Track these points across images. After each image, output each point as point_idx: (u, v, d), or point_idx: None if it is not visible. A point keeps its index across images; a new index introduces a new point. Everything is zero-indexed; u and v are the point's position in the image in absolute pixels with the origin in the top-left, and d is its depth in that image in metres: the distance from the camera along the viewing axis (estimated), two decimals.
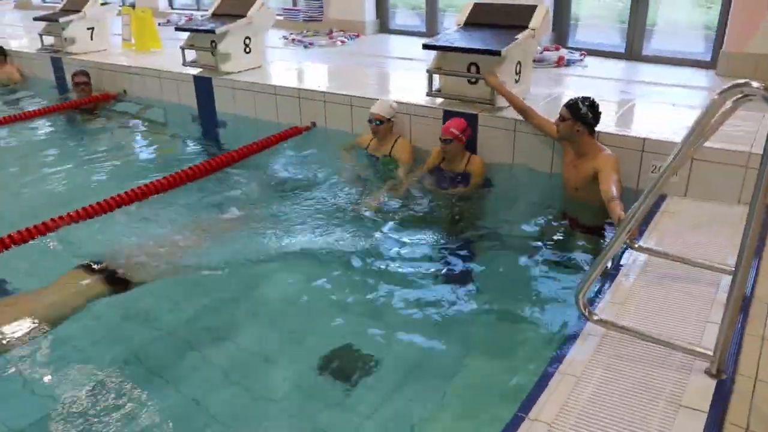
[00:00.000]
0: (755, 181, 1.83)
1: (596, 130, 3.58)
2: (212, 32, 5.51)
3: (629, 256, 2.88)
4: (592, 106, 3.45)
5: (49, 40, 7.24)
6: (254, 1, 5.78)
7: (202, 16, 6.46)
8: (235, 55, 5.73)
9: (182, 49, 5.86)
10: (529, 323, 2.73)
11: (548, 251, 3.37)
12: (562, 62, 6.57)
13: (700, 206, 3.44)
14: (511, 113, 4.10)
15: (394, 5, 9.33)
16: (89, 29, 7.13)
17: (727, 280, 2.37)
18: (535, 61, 6.09)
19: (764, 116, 3.90)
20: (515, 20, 4.42)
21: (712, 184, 3.47)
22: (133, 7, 9.26)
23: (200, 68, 5.84)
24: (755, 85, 1.79)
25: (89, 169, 4.82)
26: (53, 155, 5.10)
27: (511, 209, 3.86)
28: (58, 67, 7.08)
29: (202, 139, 5.59)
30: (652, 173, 3.60)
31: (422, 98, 4.53)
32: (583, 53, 6.90)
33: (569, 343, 2.28)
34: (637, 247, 2.88)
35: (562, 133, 3.53)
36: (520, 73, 4.41)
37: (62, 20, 6.91)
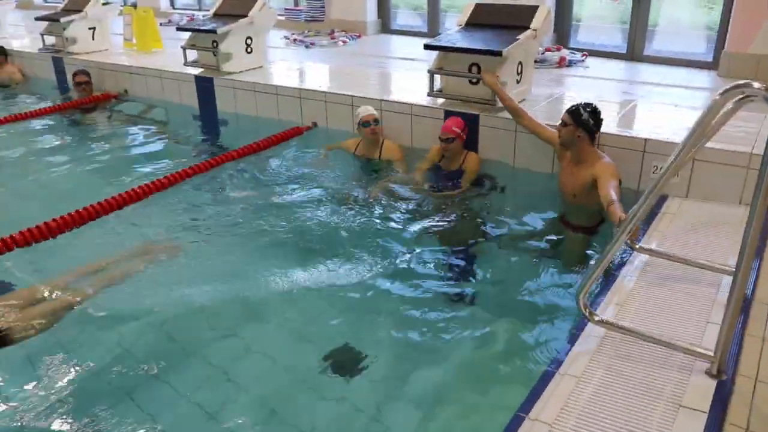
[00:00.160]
0: (756, 181, 1.83)
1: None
2: (214, 32, 5.51)
3: (630, 256, 2.88)
4: (593, 112, 3.41)
5: (50, 40, 7.23)
6: (256, 1, 5.79)
7: (203, 16, 6.47)
8: (236, 55, 5.73)
9: (184, 49, 5.86)
10: (529, 323, 2.73)
11: (549, 251, 3.37)
12: (563, 63, 6.57)
13: (701, 207, 3.43)
14: None
15: (395, 5, 9.34)
16: (90, 29, 7.14)
17: (727, 280, 2.37)
18: (536, 61, 6.11)
19: (766, 117, 3.90)
20: (517, 21, 4.41)
21: (713, 184, 3.47)
22: (134, 6, 9.28)
23: (202, 68, 5.85)
24: (756, 85, 1.79)
25: (90, 168, 4.82)
26: (54, 155, 5.10)
27: (512, 209, 3.86)
28: (59, 67, 7.09)
29: (203, 139, 5.59)
30: (653, 174, 3.59)
31: (423, 98, 4.53)
32: (584, 54, 6.91)
33: (570, 343, 2.29)
34: (638, 247, 2.87)
35: (563, 138, 3.50)
36: (521, 73, 4.41)
37: (63, 20, 6.91)
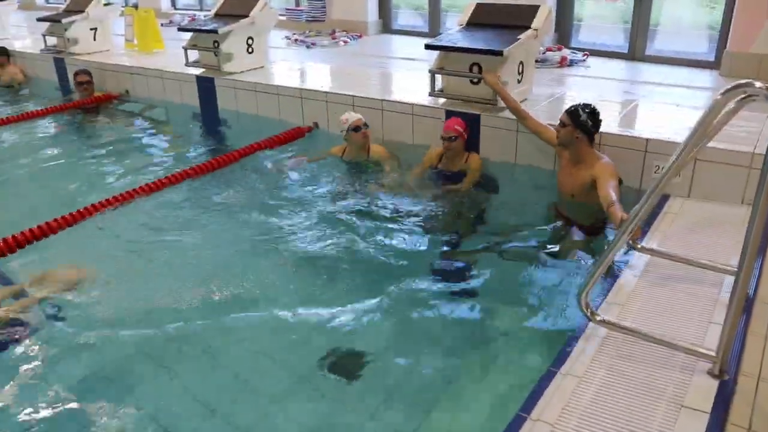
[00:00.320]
0: (758, 181, 1.82)
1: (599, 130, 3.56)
2: (215, 32, 5.52)
3: (632, 256, 2.88)
4: (592, 113, 3.39)
5: (52, 40, 7.25)
6: (257, 1, 5.79)
7: (204, 16, 6.47)
8: (237, 55, 5.74)
9: (185, 49, 5.87)
10: (530, 323, 2.72)
11: (550, 251, 3.36)
12: (564, 62, 6.56)
13: (702, 207, 3.43)
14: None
15: (396, 5, 9.33)
16: (92, 30, 7.15)
17: (729, 280, 2.36)
18: (537, 61, 6.10)
19: (767, 116, 3.89)
20: (518, 20, 4.41)
21: (715, 184, 3.46)
22: (135, 7, 9.30)
23: (203, 68, 5.85)
24: (758, 85, 1.79)
25: (91, 168, 4.83)
26: (55, 155, 5.11)
27: (513, 209, 3.86)
28: (61, 67, 7.10)
29: (204, 139, 5.59)
30: (654, 174, 3.59)
31: (425, 98, 4.53)
32: (585, 53, 6.89)
33: (571, 343, 2.28)
34: (639, 247, 2.87)
35: (561, 138, 3.49)
36: (522, 73, 4.41)
37: (65, 21, 6.93)
